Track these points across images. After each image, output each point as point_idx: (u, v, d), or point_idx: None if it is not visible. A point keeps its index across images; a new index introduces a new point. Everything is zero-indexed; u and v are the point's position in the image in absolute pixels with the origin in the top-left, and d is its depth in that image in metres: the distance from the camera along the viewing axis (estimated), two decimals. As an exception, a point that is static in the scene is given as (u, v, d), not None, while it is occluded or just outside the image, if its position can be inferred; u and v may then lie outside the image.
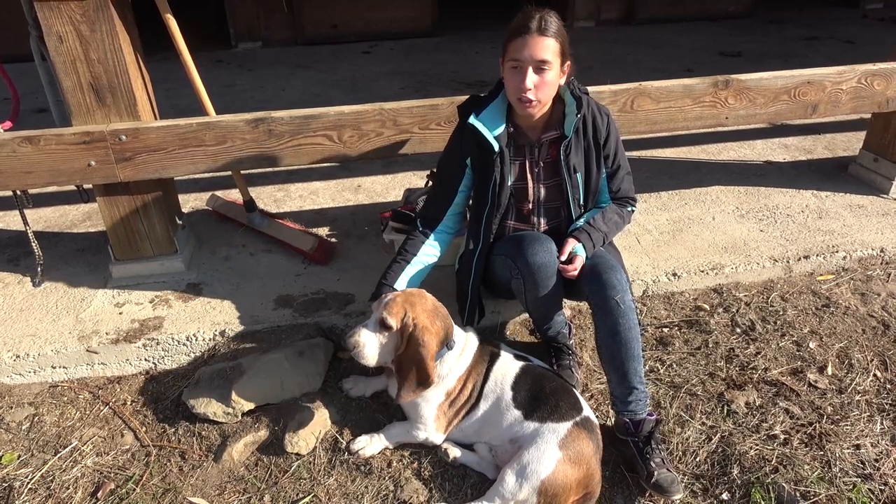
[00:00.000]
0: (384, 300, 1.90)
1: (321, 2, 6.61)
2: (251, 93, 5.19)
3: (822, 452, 1.95)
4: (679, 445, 1.98)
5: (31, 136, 2.22)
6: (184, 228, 2.75)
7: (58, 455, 1.99)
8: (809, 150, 3.77)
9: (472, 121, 2.00)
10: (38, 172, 2.28)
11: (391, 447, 1.98)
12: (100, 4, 2.08)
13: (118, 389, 2.24)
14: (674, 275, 2.63)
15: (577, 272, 1.98)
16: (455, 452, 1.93)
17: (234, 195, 2.98)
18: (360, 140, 2.46)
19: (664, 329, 2.47)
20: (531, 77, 1.86)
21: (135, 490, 1.87)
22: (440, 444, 1.96)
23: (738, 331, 2.44)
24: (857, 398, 2.14)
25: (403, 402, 1.95)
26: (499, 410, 1.90)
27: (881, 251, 2.81)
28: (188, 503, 1.84)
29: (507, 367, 1.96)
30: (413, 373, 1.84)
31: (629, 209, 2.21)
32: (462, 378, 1.95)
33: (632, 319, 1.90)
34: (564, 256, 1.99)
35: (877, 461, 1.93)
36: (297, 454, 1.97)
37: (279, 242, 2.81)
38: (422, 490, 1.86)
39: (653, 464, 1.81)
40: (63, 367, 2.27)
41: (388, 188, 3.41)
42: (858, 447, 1.97)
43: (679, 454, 1.96)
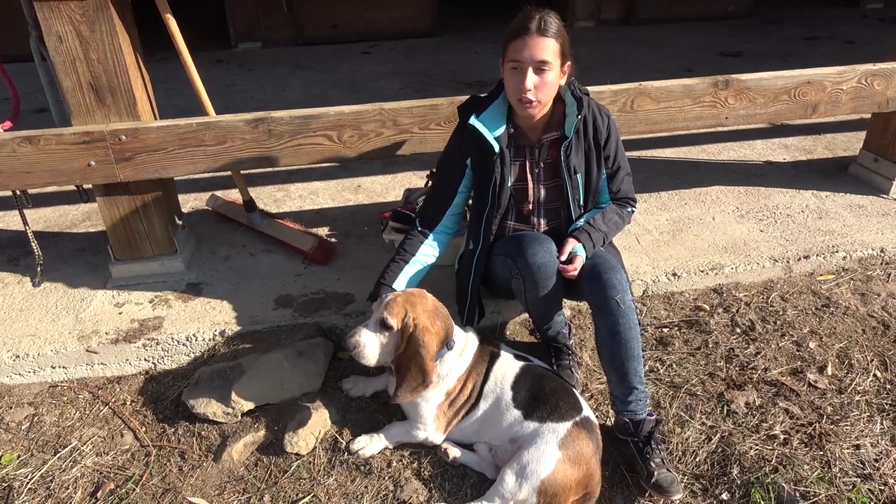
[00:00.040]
0: (385, 300, 1.90)
1: (321, 2, 6.61)
2: (251, 93, 5.19)
3: (822, 452, 1.95)
4: (679, 445, 1.98)
5: (31, 136, 2.22)
6: (184, 228, 2.75)
7: (57, 455, 1.99)
8: (809, 150, 3.77)
9: (473, 122, 1.99)
10: (38, 172, 2.28)
11: (391, 447, 1.98)
12: (99, 4, 2.08)
13: (118, 389, 2.24)
14: (674, 275, 2.63)
15: (577, 272, 1.98)
16: (455, 452, 1.93)
17: (234, 195, 2.98)
18: (360, 140, 2.46)
19: (664, 329, 2.47)
20: (531, 78, 1.86)
21: (134, 490, 1.87)
22: (440, 444, 1.96)
23: (738, 331, 2.44)
24: (857, 398, 2.14)
25: (403, 402, 1.95)
26: (498, 410, 1.90)
27: (881, 251, 2.81)
28: (188, 503, 1.84)
29: (507, 367, 1.96)
30: (412, 373, 1.84)
31: (629, 210, 2.21)
32: (462, 378, 1.95)
33: (632, 319, 1.90)
34: (564, 256, 1.99)
35: (876, 461, 1.93)
36: (297, 454, 1.97)
37: (279, 242, 2.81)
38: (422, 490, 1.86)
39: (653, 464, 1.81)
40: (63, 367, 2.27)
41: (388, 188, 3.41)
42: (858, 447, 1.97)
43: (679, 454, 1.96)
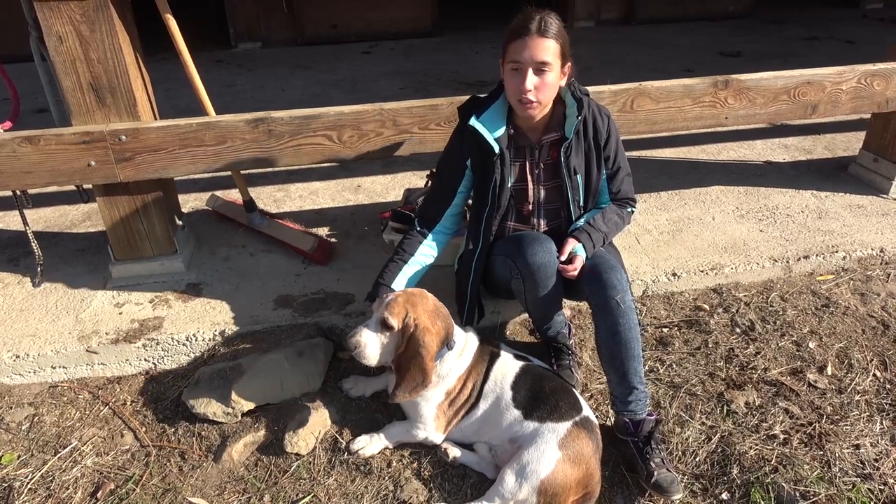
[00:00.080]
0: (385, 300, 1.90)
1: (321, 2, 6.61)
2: (251, 93, 5.19)
3: (822, 452, 1.95)
4: (679, 445, 1.98)
5: (31, 136, 2.22)
6: (184, 228, 2.75)
7: (57, 455, 1.99)
8: (809, 151, 3.77)
9: (473, 122, 1.99)
10: (38, 172, 2.28)
11: (391, 447, 1.98)
12: (99, 4, 2.08)
13: (118, 389, 2.24)
14: (673, 275, 2.63)
15: (577, 272, 1.98)
16: (455, 452, 1.93)
17: (234, 195, 2.98)
18: (360, 140, 2.46)
19: (664, 329, 2.47)
20: (531, 78, 1.86)
21: (134, 490, 1.87)
22: (440, 444, 1.96)
23: (738, 331, 2.44)
24: (857, 398, 2.15)
25: (403, 402, 1.95)
26: (498, 410, 1.90)
27: (881, 251, 2.81)
28: (188, 503, 1.84)
29: (507, 367, 1.96)
30: (412, 373, 1.84)
31: (629, 210, 2.21)
32: (462, 378, 1.95)
33: (632, 319, 1.90)
34: (564, 256, 1.99)
35: (876, 461, 1.93)
36: (297, 454, 1.97)
37: (279, 242, 2.81)
38: (421, 490, 1.86)
39: (653, 464, 1.81)
40: (63, 368, 2.27)
41: (388, 188, 3.41)
42: (858, 447, 1.97)
43: (679, 454, 1.96)
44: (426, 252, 2.15)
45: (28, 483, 1.90)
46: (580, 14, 7.31)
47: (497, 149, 2.00)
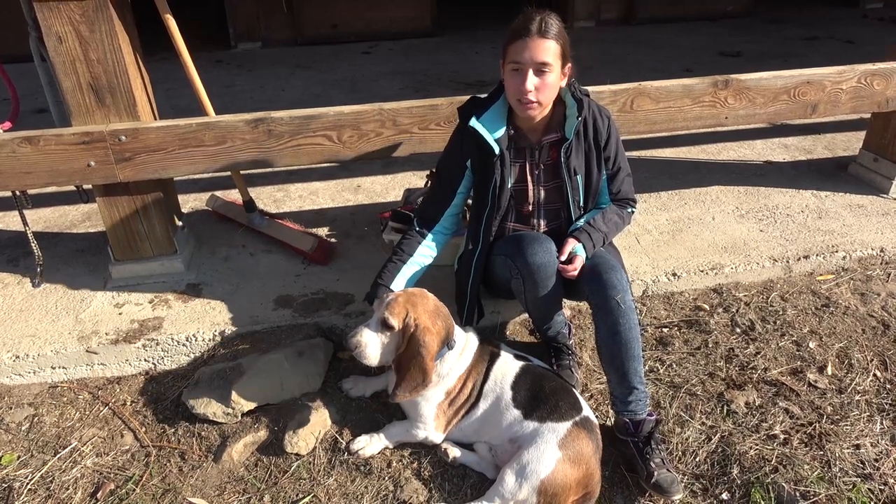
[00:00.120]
0: (386, 300, 1.90)
1: (321, 2, 6.61)
2: (251, 93, 5.19)
3: (822, 452, 1.95)
4: (679, 445, 1.98)
5: (31, 137, 2.21)
6: (183, 229, 2.75)
7: (57, 455, 1.99)
8: (809, 150, 3.77)
9: (473, 123, 1.99)
10: (38, 173, 2.28)
11: (391, 447, 1.98)
12: (99, 5, 2.08)
13: (118, 390, 2.24)
14: (673, 275, 2.63)
15: (577, 272, 1.98)
16: (455, 452, 1.93)
17: (234, 195, 2.98)
18: (360, 140, 2.46)
19: (664, 329, 2.47)
20: (531, 79, 1.85)
21: (134, 490, 1.87)
22: (440, 444, 1.96)
23: (738, 331, 2.44)
24: (857, 398, 2.14)
25: (403, 401, 1.95)
26: (498, 410, 1.90)
27: (881, 251, 2.81)
28: (188, 503, 1.84)
29: (507, 367, 1.96)
30: (412, 372, 1.84)
31: (629, 210, 2.21)
32: (462, 377, 1.95)
33: (632, 319, 1.90)
34: (564, 256, 1.99)
35: (876, 461, 1.93)
36: (297, 454, 1.97)
37: (279, 243, 2.81)
38: (422, 490, 1.86)
39: (653, 464, 1.81)
40: (63, 368, 2.27)
41: (388, 188, 3.41)
42: (858, 447, 1.97)
43: (679, 454, 1.96)
44: (425, 252, 2.15)
45: (28, 483, 1.90)
46: (580, 14, 7.31)
47: (497, 149, 2.00)
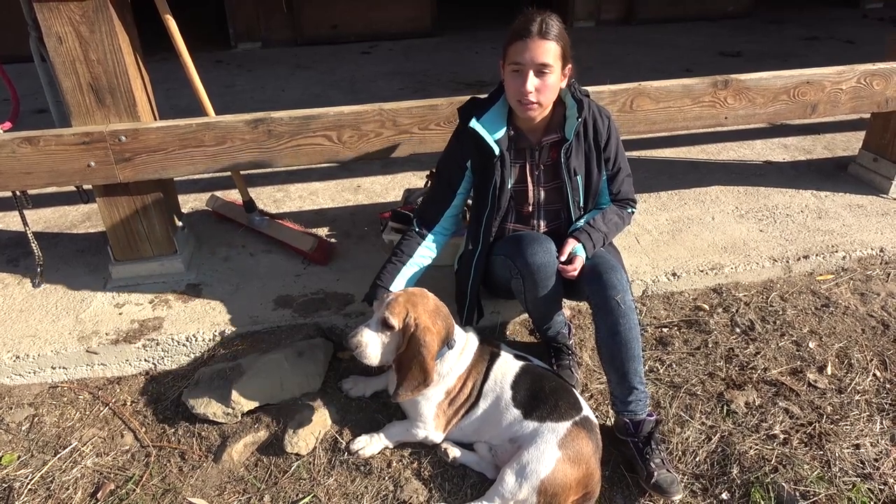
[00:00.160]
0: (386, 300, 1.90)
1: (321, 2, 6.61)
2: (251, 93, 5.19)
3: (822, 452, 1.95)
4: (679, 445, 1.98)
5: (31, 137, 2.21)
6: (184, 229, 2.75)
7: (57, 456, 1.99)
8: (809, 150, 3.77)
9: (474, 124, 1.99)
10: (38, 173, 2.28)
11: (391, 446, 1.98)
12: (99, 5, 2.08)
13: (118, 390, 2.24)
14: (673, 275, 2.63)
15: (577, 272, 1.98)
16: (455, 452, 1.93)
17: (234, 195, 2.98)
18: (360, 140, 2.46)
19: (664, 329, 2.47)
20: (532, 80, 1.85)
21: (135, 490, 1.87)
22: (439, 444, 1.96)
23: (738, 331, 2.44)
24: (857, 398, 2.15)
25: (403, 401, 1.95)
26: (498, 409, 1.90)
27: (881, 251, 2.81)
28: (188, 503, 1.84)
29: (507, 367, 1.96)
30: (413, 372, 1.84)
31: (629, 210, 2.21)
32: (462, 377, 1.95)
33: (632, 320, 1.90)
34: (564, 257, 1.99)
35: (876, 461, 1.93)
36: (297, 454, 1.97)
37: (279, 243, 2.81)
38: (422, 490, 1.86)
39: (652, 464, 1.81)
40: (63, 368, 2.27)
41: (388, 188, 3.41)
42: (858, 447, 1.97)
43: (679, 454, 1.96)
44: (424, 253, 2.15)
45: (28, 483, 1.90)
46: (580, 14, 7.31)
47: (497, 150, 2.00)
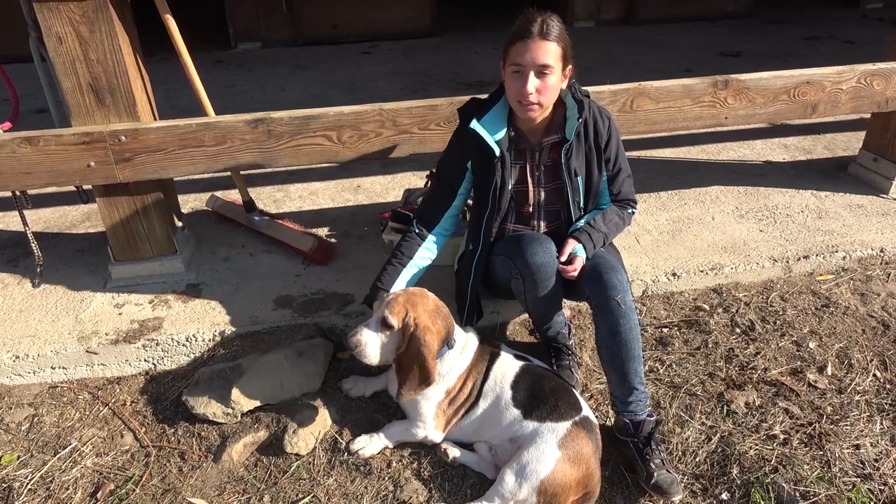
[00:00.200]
0: (386, 299, 1.90)
1: (321, 2, 6.61)
2: (251, 93, 5.19)
3: (822, 452, 1.95)
4: (679, 445, 1.98)
5: (31, 137, 2.21)
6: (183, 229, 2.75)
7: (57, 455, 1.99)
8: (809, 150, 3.77)
9: (474, 125, 1.99)
10: (38, 173, 2.28)
11: (391, 446, 1.98)
12: (99, 5, 2.08)
13: (118, 390, 2.24)
14: (673, 275, 2.63)
15: (577, 273, 1.98)
16: (454, 452, 1.93)
17: (234, 196, 2.98)
18: (360, 140, 2.46)
19: (664, 329, 2.47)
20: (533, 81, 1.85)
21: (134, 490, 1.87)
22: (439, 444, 1.96)
23: (738, 331, 2.44)
24: (857, 398, 2.15)
25: (402, 401, 1.95)
26: (498, 409, 1.90)
27: (881, 251, 2.81)
28: (188, 503, 1.84)
29: (507, 367, 1.96)
30: (414, 372, 1.84)
31: (629, 211, 2.21)
32: (462, 377, 1.96)
33: (632, 320, 1.90)
34: (564, 257, 1.99)
35: (876, 461, 1.93)
36: (297, 454, 1.97)
37: (279, 243, 2.81)
38: (421, 490, 1.86)
39: (652, 465, 1.81)
40: (63, 368, 2.27)
41: (388, 188, 3.41)
42: (858, 447, 1.97)
43: (679, 454, 1.96)
44: (424, 255, 2.15)
45: (28, 483, 1.90)
46: (580, 14, 7.31)
47: (498, 151, 2.00)
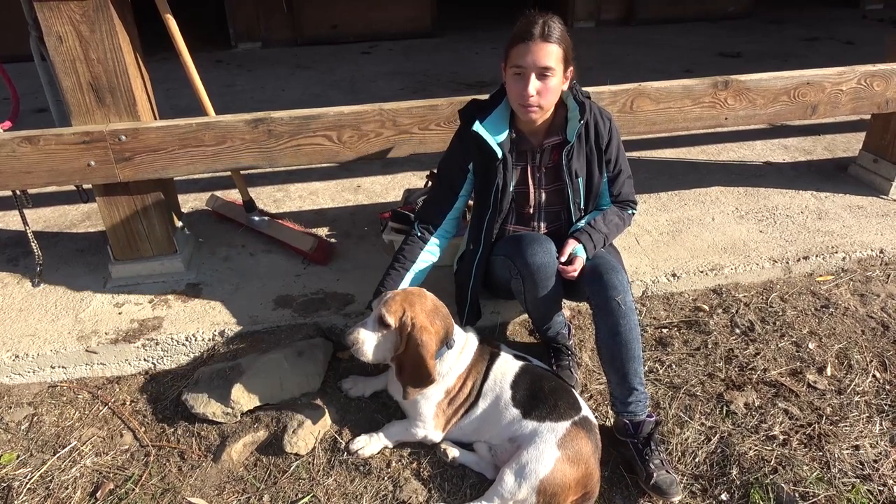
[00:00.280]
0: (384, 298, 1.91)
1: (321, 2, 6.61)
2: (251, 93, 5.19)
3: (821, 453, 1.95)
4: (678, 446, 1.98)
5: (31, 136, 2.21)
6: (183, 229, 2.75)
7: (57, 455, 1.99)
8: (809, 151, 3.77)
9: (477, 128, 1.98)
10: (38, 172, 2.28)
11: (391, 446, 1.98)
12: (99, 4, 2.08)
13: (117, 389, 2.24)
14: (673, 275, 2.63)
15: (577, 273, 1.98)
16: (454, 452, 1.93)
17: (234, 195, 2.98)
18: (360, 140, 2.46)
19: (663, 330, 2.47)
20: (534, 83, 1.85)
21: (134, 490, 1.87)
22: (439, 443, 1.96)
23: (738, 331, 2.44)
24: (857, 399, 2.15)
25: (403, 401, 1.95)
26: (497, 409, 1.90)
27: (880, 252, 2.81)
28: (187, 503, 1.84)
29: (507, 367, 1.97)
30: (414, 371, 1.84)
31: (630, 212, 2.21)
32: (461, 377, 1.96)
33: (632, 320, 1.90)
34: (564, 257, 1.99)
35: (876, 462, 1.93)
36: (297, 454, 1.97)
37: (279, 243, 2.81)
38: (421, 490, 1.86)
39: (652, 465, 1.81)
40: (62, 367, 2.27)
41: (388, 188, 3.41)
42: (857, 448, 1.97)
43: (678, 455, 1.96)
44: (426, 258, 2.15)
45: (27, 483, 1.89)
46: (580, 14, 7.31)
47: (500, 153, 2.00)
